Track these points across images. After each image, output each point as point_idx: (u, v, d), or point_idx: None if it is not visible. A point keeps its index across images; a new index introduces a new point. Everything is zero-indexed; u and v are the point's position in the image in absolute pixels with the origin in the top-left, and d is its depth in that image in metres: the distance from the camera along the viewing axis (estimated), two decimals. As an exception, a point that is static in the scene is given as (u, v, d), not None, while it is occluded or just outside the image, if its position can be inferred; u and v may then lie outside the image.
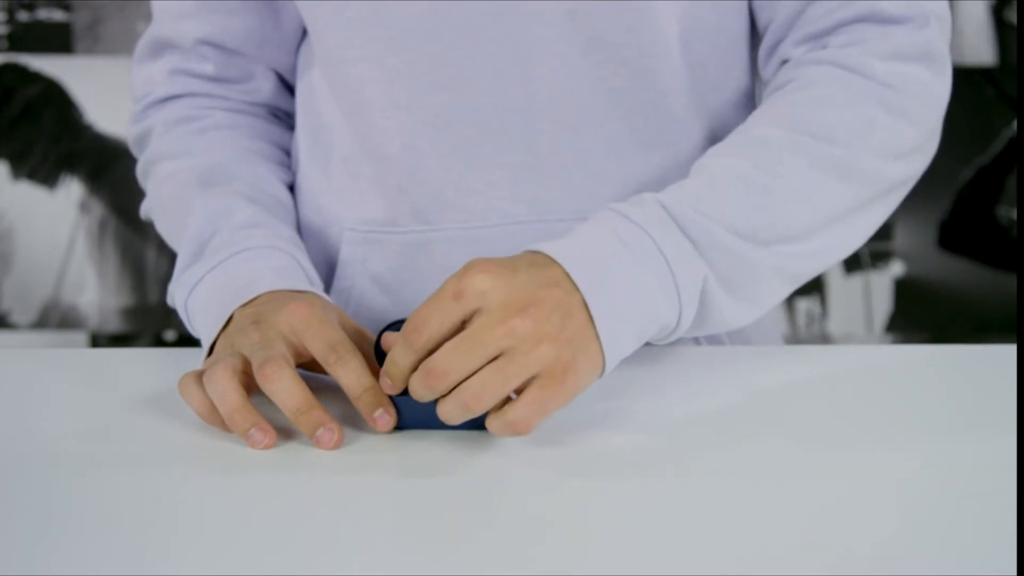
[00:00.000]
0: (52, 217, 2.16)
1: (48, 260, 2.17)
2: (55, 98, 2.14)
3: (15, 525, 0.64)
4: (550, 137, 0.92)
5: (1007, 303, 2.20)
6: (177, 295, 0.88)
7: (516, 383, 0.71)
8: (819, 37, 0.91)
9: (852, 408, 0.82)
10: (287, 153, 1.04)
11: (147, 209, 1.01)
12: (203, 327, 0.85)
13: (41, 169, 2.15)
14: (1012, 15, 2.12)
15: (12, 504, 0.67)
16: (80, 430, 0.78)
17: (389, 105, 0.93)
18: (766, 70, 0.95)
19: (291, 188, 1.03)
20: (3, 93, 2.13)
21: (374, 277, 0.97)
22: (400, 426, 0.77)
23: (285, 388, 0.74)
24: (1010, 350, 0.93)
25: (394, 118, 0.93)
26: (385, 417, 0.75)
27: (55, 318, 2.18)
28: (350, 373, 0.76)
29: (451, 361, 0.71)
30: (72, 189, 2.15)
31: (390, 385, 0.75)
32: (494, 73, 0.91)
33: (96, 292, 2.18)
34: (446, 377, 0.71)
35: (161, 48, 1.01)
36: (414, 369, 0.73)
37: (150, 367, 0.90)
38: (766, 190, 0.82)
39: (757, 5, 0.94)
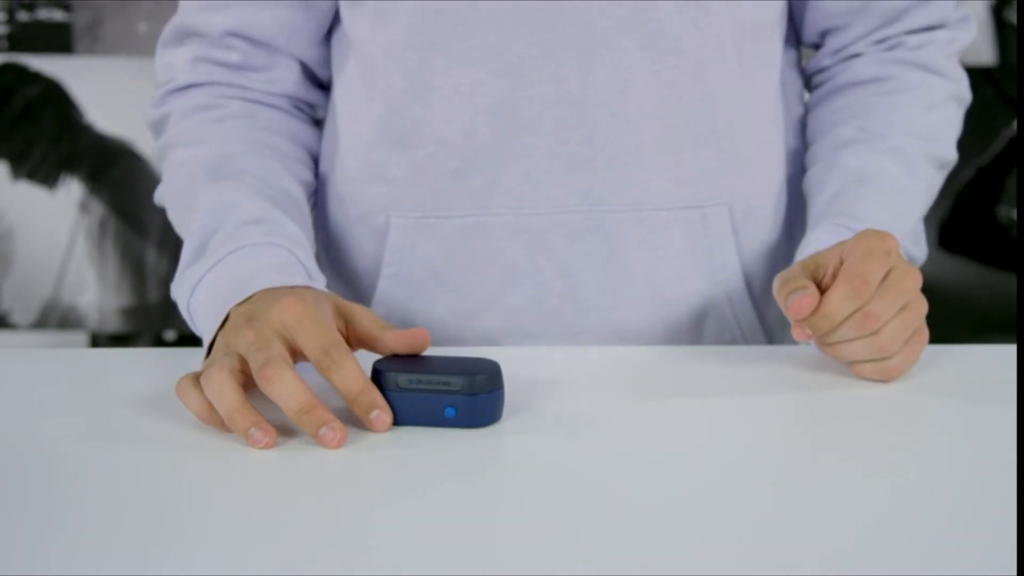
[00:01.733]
0: (52, 217, 2.16)
1: (48, 260, 2.17)
2: (55, 98, 2.14)
3: (15, 525, 0.64)
4: (607, 128, 0.94)
5: (1007, 303, 2.20)
6: (180, 297, 0.88)
7: (911, 333, 0.84)
8: (893, 38, 1.02)
9: (852, 408, 0.82)
10: (304, 147, 1.04)
11: (160, 196, 1.00)
12: (204, 327, 0.85)
13: (41, 169, 2.15)
14: (1012, 15, 2.12)
15: (12, 504, 0.67)
16: (80, 430, 0.78)
17: (451, 91, 0.94)
18: (828, 59, 1.04)
19: (309, 181, 1.03)
20: (3, 93, 2.13)
21: (424, 263, 0.98)
22: (395, 423, 0.77)
23: (287, 390, 0.75)
24: (1010, 350, 0.93)
25: (455, 104, 0.94)
26: (382, 417, 0.76)
27: (55, 318, 2.18)
28: (345, 377, 0.76)
29: (884, 307, 0.82)
30: (72, 189, 2.15)
31: (823, 327, 0.82)
32: (555, 63, 0.93)
33: (96, 292, 2.18)
34: (878, 321, 0.82)
35: (186, 36, 1.01)
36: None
37: (150, 367, 0.90)
38: (915, 196, 0.97)
39: (831, 14, 1.01)
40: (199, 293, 0.86)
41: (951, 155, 1.01)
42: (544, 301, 0.97)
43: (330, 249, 1.05)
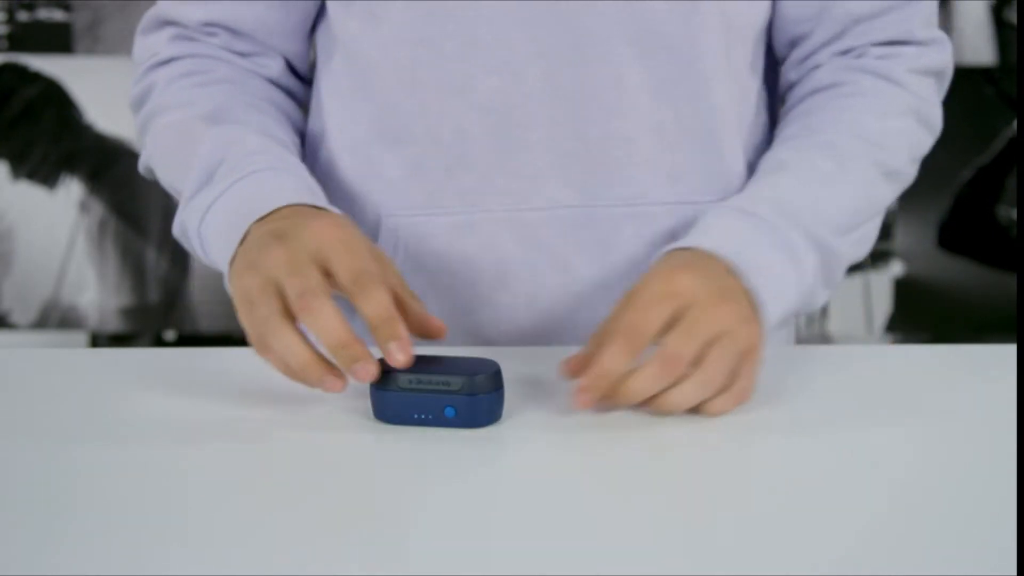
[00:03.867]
0: (52, 217, 2.16)
1: (48, 260, 2.17)
2: (55, 98, 2.14)
3: (15, 525, 0.64)
4: (599, 124, 0.94)
5: (1007, 303, 2.20)
6: (189, 221, 0.87)
7: (737, 360, 0.78)
8: (856, 49, 0.99)
9: (852, 408, 0.82)
10: (291, 121, 1.02)
11: (147, 158, 0.98)
12: (219, 250, 0.84)
13: (41, 169, 2.15)
14: (1012, 15, 2.12)
15: (12, 504, 0.67)
16: (80, 430, 0.78)
17: (443, 88, 0.94)
18: (795, 72, 1.02)
19: (299, 149, 1.01)
20: (3, 93, 2.13)
21: (417, 260, 0.97)
22: (387, 419, 0.77)
23: (325, 323, 0.75)
24: (1010, 350, 0.93)
25: (448, 101, 0.94)
26: (399, 353, 0.75)
27: (55, 318, 2.18)
28: (372, 303, 0.76)
29: (684, 346, 0.77)
30: (72, 189, 2.15)
31: (602, 386, 0.76)
32: (547, 60, 0.93)
33: (96, 292, 2.18)
34: (682, 361, 0.77)
35: (163, 24, 1.01)
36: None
37: (150, 367, 0.90)
38: (844, 190, 0.92)
39: (791, 18, 0.99)
40: (213, 216, 0.85)
41: (902, 168, 0.97)
42: (538, 297, 0.97)
43: None
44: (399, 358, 0.75)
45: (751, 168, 1.00)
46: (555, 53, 0.93)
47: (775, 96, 1.06)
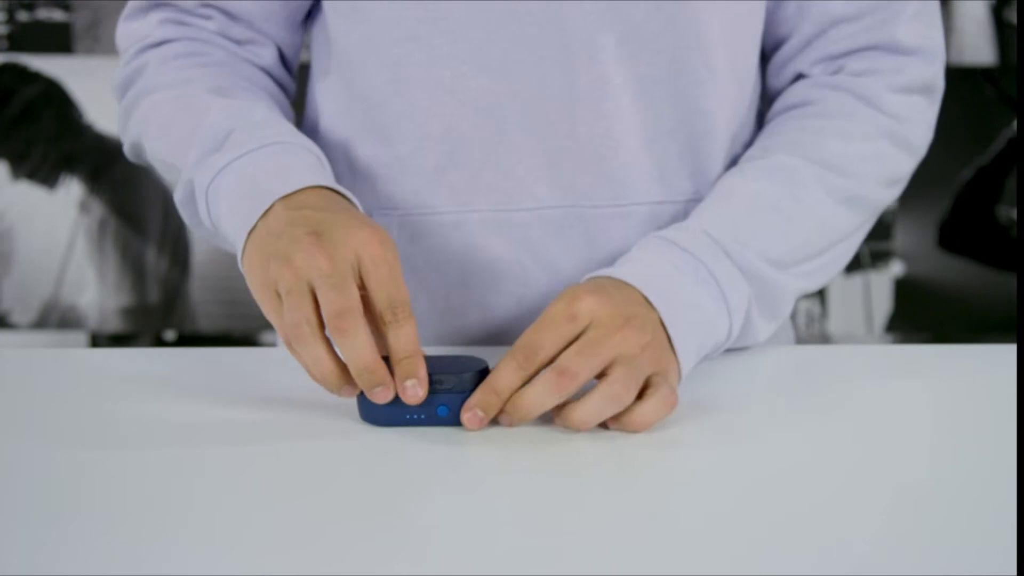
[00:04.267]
0: (52, 217, 2.16)
1: (48, 260, 2.17)
2: (55, 98, 2.14)
3: (15, 525, 0.64)
4: (587, 124, 0.94)
5: (1007, 303, 2.20)
6: (198, 180, 0.86)
7: (641, 382, 0.77)
8: (835, 59, 0.98)
9: (852, 408, 0.82)
10: (283, 111, 1.01)
11: (137, 136, 0.96)
12: (233, 213, 0.83)
13: (41, 169, 2.15)
14: (1012, 15, 2.12)
15: (12, 504, 0.67)
16: (80, 430, 0.78)
17: (431, 86, 0.94)
18: (777, 79, 1.02)
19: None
20: (3, 93, 2.13)
21: (405, 260, 0.97)
22: (379, 423, 0.77)
23: (358, 348, 0.75)
24: (1010, 350, 0.93)
25: (436, 99, 0.94)
26: (417, 389, 0.76)
27: (55, 318, 2.18)
28: (401, 337, 0.76)
29: (579, 364, 0.76)
30: (72, 189, 2.15)
31: (493, 403, 0.76)
32: (535, 59, 0.93)
33: (96, 292, 2.18)
34: (576, 378, 0.76)
35: (153, 7, 0.99)
36: (516, 389, 0.77)
37: (150, 367, 0.90)
38: (791, 219, 0.91)
39: (775, 18, 0.99)
40: (226, 178, 0.84)
41: (869, 193, 0.95)
42: (526, 298, 0.97)
43: None
44: (417, 394, 0.76)
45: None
46: (542, 53, 0.93)
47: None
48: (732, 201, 0.91)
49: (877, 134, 0.95)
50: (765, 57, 1.03)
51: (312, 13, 1.02)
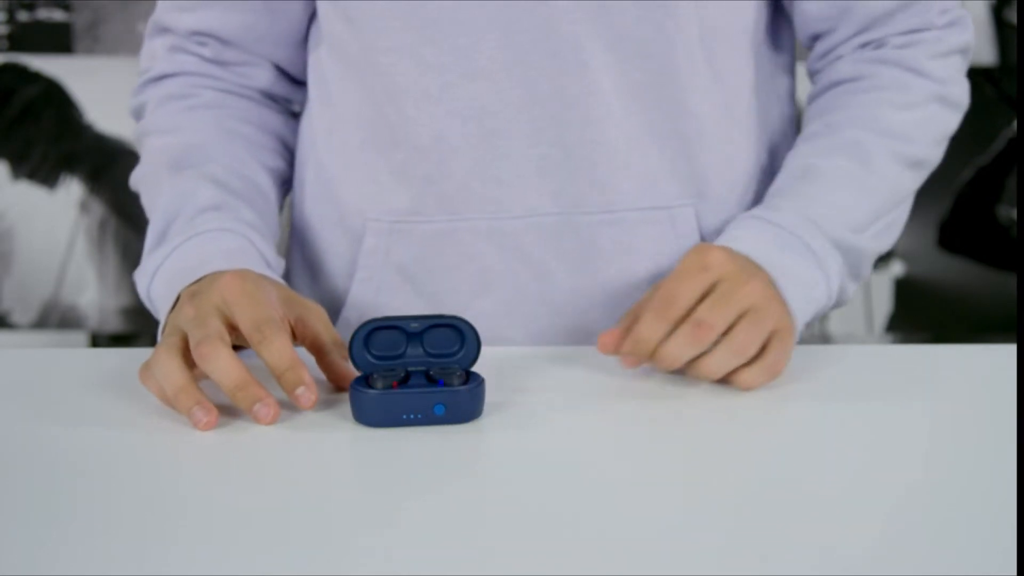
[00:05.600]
0: (52, 217, 2.16)
1: (48, 260, 2.17)
2: (55, 98, 2.14)
3: (15, 525, 0.64)
4: (577, 130, 0.94)
5: (1007, 303, 2.20)
6: (140, 284, 0.90)
7: (767, 333, 0.83)
8: (877, 41, 1.01)
9: (852, 408, 0.82)
10: (275, 136, 1.05)
11: (135, 181, 1.02)
12: (160, 312, 0.88)
13: (41, 169, 2.15)
14: (1012, 15, 2.12)
15: (12, 504, 0.67)
16: (80, 430, 0.78)
17: (420, 96, 0.94)
18: (818, 62, 1.04)
19: (280, 169, 1.04)
20: (3, 93, 2.13)
21: (398, 267, 0.98)
22: (376, 424, 0.77)
23: (221, 367, 0.76)
24: (1010, 350, 0.93)
25: (425, 109, 0.94)
26: (307, 394, 0.77)
27: (55, 318, 2.18)
28: (273, 352, 0.78)
29: (715, 315, 0.82)
30: (72, 189, 2.16)
31: (641, 351, 0.82)
32: (523, 66, 0.93)
33: (96, 292, 2.18)
34: (713, 330, 0.81)
35: (161, 31, 1.04)
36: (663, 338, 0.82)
37: (150, 367, 0.90)
38: (868, 190, 0.95)
39: (814, 18, 1.01)
40: (157, 281, 0.88)
41: (927, 155, 1.00)
42: (518, 305, 0.97)
43: (305, 250, 1.05)
44: (308, 400, 0.77)
45: (760, 167, 1.01)
46: (531, 60, 0.93)
47: (782, 95, 1.06)
48: (815, 180, 0.94)
49: (928, 99, 0.99)
50: (782, 51, 1.04)
51: (310, 25, 1.03)
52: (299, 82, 1.06)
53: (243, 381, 0.76)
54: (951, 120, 1.02)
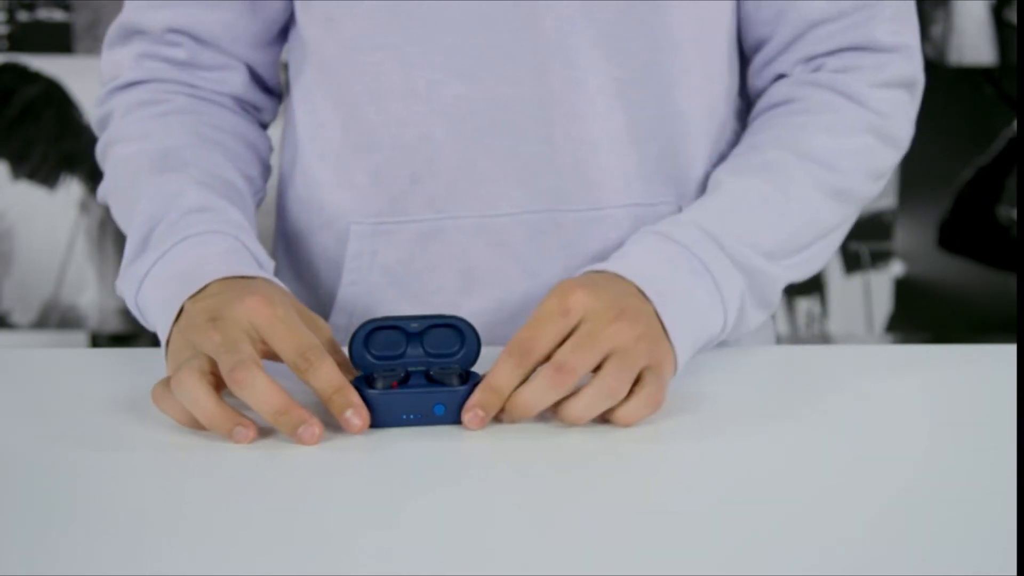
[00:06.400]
0: (52, 217, 2.16)
1: (48, 260, 2.17)
2: (55, 98, 2.14)
3: (15, 525, 0.64)
4: (563, 128, 0.94)
5: (1007, 303, 2.20)
6: (126, 292, 0.87)
7: (636, 372, 0.77)
8: (816, 58, 0.97)
9: (852, 408, 0.82)
10: (249, 145, 1.02)
11: (103, 193, 0.99)
12: (157, 323, 0.84)
13: (41, 169, 2.15)
14: (1012, 15, 2.12)
15: (12, 504, 0.67)
16: (79, 430, 0.78)
17: (406, 94, 0.94)
18: (758, 79, 1.01)
19: (254, 177, 1.02)
20: (3, 93, 2.13)
21: (385, 269, 0.97)
22: (375, 424, 0.77)
23: (259, 393, 0.74)
24: (1010, 350, 0.93)
25: (410, 107, 0.94)
26: (354, 419, 0.75)
27: (55, 318, 2.18)
28: (320, 378, 0.76)
29: (576, 359, 0.76)
30: (72, 189, 2.16)
31: (493, 403, 0.76)
32: (509, 63, 0.93)
33: (96, 292, 2.18)
34: (575, 373, 0.76)
35: (130, 34, 1.00)
36: (518, 385, 0.77)
37: (150, 367, 0.90)
38: (782, 213, 0.91)
39: (754, 20, 0.98)
40: (147, 288, 0.85)
41: (854, 187, 0.95)
42: (506, 303, 0.97)
43: (291, 255, 1.05)
44: (356, 424, 0.75)
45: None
46: (517, 57, 0.92)
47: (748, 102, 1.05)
48: (724, 196, 0.91)
49: (862, 129, 0.95)
50: (745, 58, 1.02)
51: (287, 26, 1.02)
52: (269, 89, 1.05)
53: (284, 406, 0.75)
54: (888, 157, 0.97)
